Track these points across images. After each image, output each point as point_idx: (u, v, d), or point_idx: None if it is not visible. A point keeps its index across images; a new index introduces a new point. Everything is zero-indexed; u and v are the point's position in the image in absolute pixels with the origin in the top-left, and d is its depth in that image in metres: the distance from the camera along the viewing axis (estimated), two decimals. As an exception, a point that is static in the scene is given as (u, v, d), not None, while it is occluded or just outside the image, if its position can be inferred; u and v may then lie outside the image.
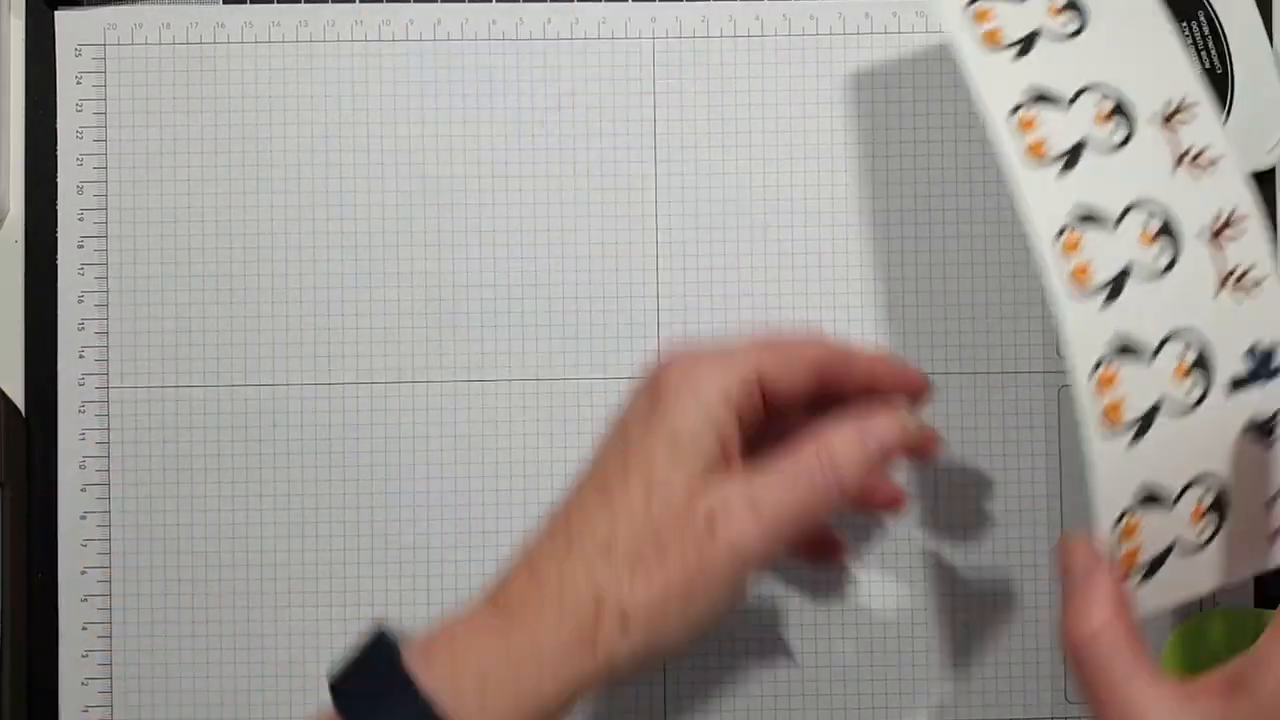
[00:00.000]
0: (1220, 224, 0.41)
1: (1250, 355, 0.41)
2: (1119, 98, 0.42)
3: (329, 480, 0.52)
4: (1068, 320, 0.40)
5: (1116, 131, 0.42)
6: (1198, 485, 0.41)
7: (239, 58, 0.53)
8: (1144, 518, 0.40)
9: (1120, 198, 0.41)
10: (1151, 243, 0.41)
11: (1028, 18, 0.43)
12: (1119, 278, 0.40)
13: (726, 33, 0.53)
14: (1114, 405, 0.40)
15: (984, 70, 0.43)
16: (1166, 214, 0.41)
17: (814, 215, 0.53)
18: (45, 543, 0.51)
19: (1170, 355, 0.40)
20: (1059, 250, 0.40)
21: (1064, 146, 0.41)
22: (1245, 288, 0.41)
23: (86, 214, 0.52)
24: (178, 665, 0.51)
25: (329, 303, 0.52)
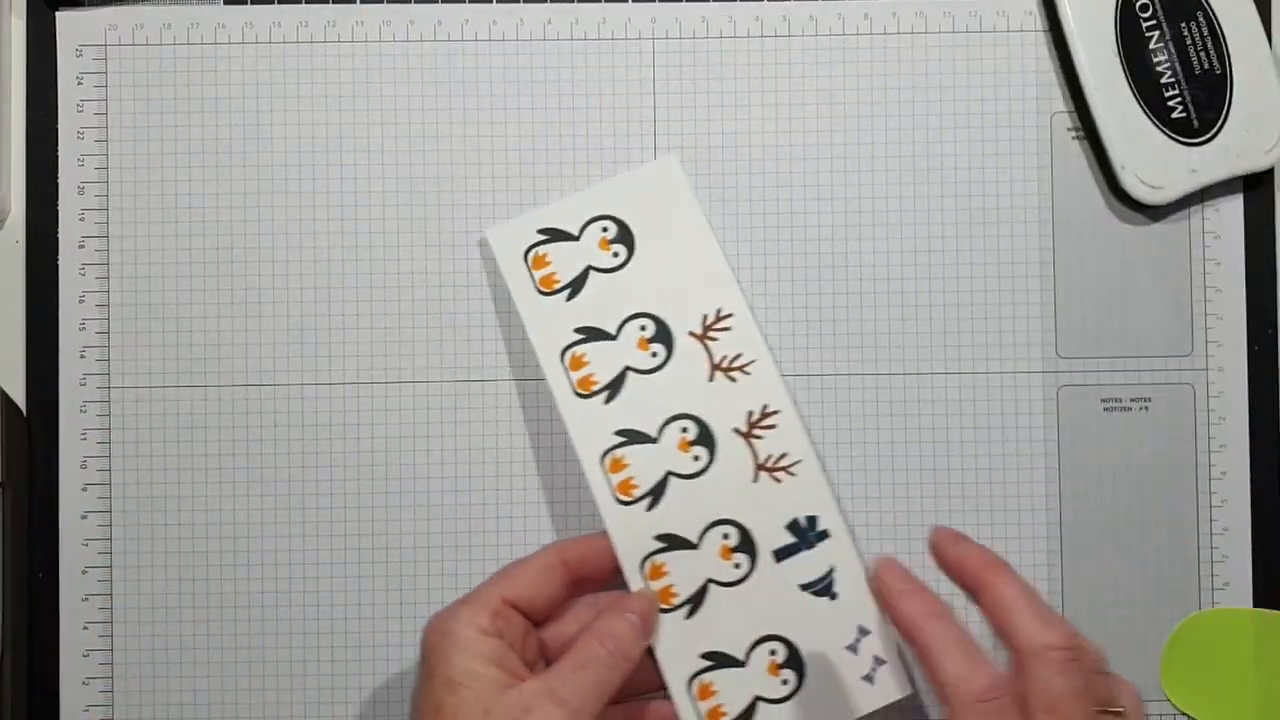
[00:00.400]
0: (754, 420, 0.48)
1: (792, 529, 0.47)
2: (659, 321, 0.49)
3: (329, 480, 0.52)
4: (615, 527, 0.47)
5: (656, 354, 0.48)
6: (764, 645, 0.47)
7: (240, 58, 0.53)
8: (716, 677, 0.47)
9: (659, 415, 0.48)
10: (688, 449, 0.48)
11: (580, 255, 0.49)
12: (661, 484, 0.47)
13: (726, 33, 0.53)
14: (665, 590, 0.47)
15: (538, 316, 0.49)
16: (701, 421, 0.48)
17: (813, 215, 0.53)
18: (46, 542, 0.51)
19: (713, 540, 0.47)
20: (605, 469, 0.47)
21: (609, 377, 0.48)
22: (782, 470, 0.48)
23: (87, 214, 0.52)
24: (178, 665, 0.51)
25: (329, 303, 0.52)
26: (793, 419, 0.48)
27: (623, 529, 0.47)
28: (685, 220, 0.49)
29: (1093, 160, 0.53)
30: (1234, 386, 0.53)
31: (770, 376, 0.48)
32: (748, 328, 0.48)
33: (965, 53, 0.53)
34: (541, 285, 0.49)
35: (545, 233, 0.49)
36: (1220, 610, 0.52)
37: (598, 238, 0.49)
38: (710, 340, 0.48)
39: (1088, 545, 0.52)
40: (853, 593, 0.47)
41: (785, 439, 0.48)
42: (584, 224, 0.49)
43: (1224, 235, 0.53)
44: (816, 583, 0.47)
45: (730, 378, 0.48)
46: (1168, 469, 0.52)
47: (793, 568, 0.47)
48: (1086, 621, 0.52)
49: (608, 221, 0.49)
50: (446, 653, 0.43)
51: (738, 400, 0.48)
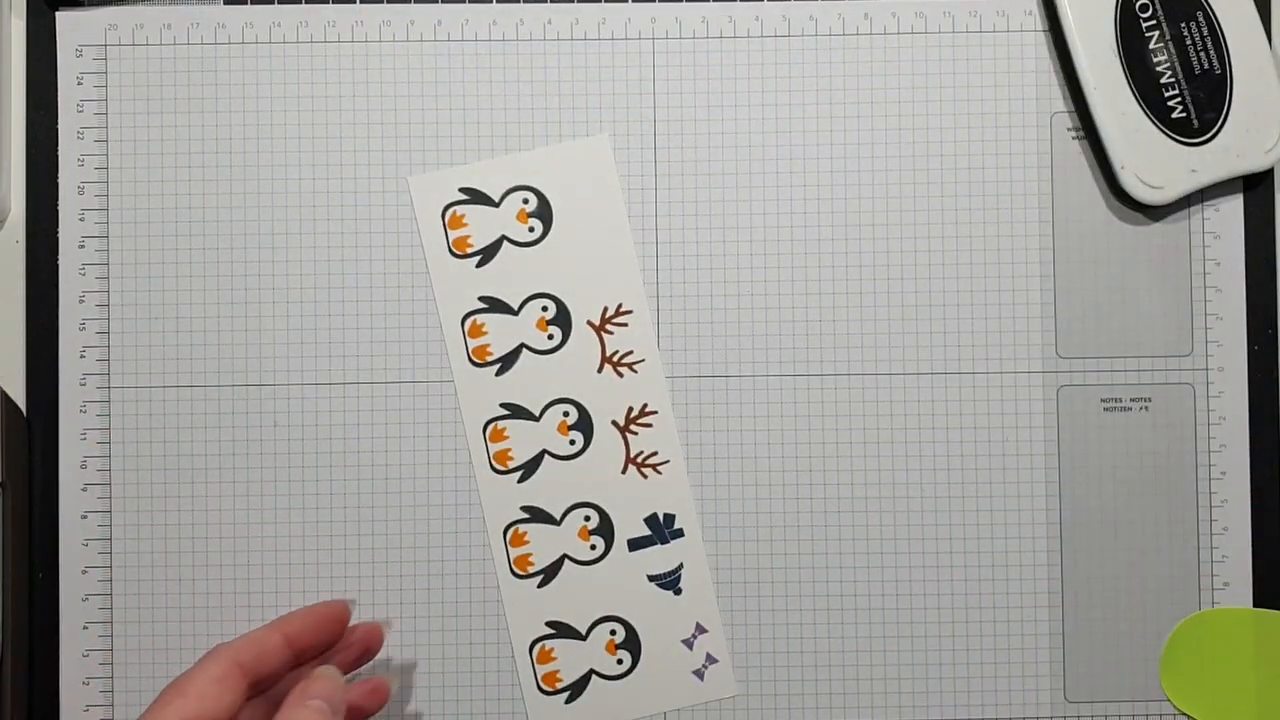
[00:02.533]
0: (633, 416, 0.50)
1: (649, 522, 0.50)
2: (562, 305, 0.50)
3: (329, 480, 0.52)
4: (486, 491, 0.50)
5: (553, 337, 0.50)
6: (606, 624, 0.50)
7: (239, 58, 0.53)
8: (557, 645, 0.50)
9: (545, 395, 0.50)
10: (567, 432, 0.50)
11: (497, 223, 0.50)
12: (535, 460, 0.50)
13: (726, 33, 0.53)
14: (523, 557, 0.50)
15: (446, 276, 0.50)
16: (584, 408, 0.50)
17: (813, 215, 0.53)
18: (46, 542, 0.51)
19: (575, 520, 0.50)
20: (486, 437, 0.50)
21: (504, 350, 0.50)
22: (650, 466, 0.50)
23: (87, 214, 0.52)
24: (178, 665, 0.51)
25: (329, 303, 0.52)
26: (669, 421, 0.51)
27: (492, 494, 0.50)
28: (606, 207, 0.51)
29: (1093, 160, 0.53)
30: (1234, 386, 0.53)
31: (656, 378, 0.51)
32: (644, 327, 0.51)
33: (965, 53, 0.53)
34: (454, 246, 0.50)
35: (467, 193, 0.50)
36: (1220, 610, 0.52)
37: (517, 208, 0.51)
38: (606, 333, 0.50)
39: (1088, 545, 0.52)
40: (697, 592, 0.50)
41: (659, 438, 0.51)
42: (506, 191, 0.51)
43: (1224, 235, 0.53)
44: (664, 576, 0.50)
45: (618, 372, 0.50)
46: (1168, 469, 0.52)
47: (644, 558, 0.50)
48: (1086, 621, 0.52)
49: (530, 193, 0.51)
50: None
51: (621, 395, 0.50)
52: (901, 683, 0.52)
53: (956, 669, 0.52)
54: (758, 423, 0.52)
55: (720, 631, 0.50)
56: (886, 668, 0.52)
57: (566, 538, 0.50)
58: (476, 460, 0.50)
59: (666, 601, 0.50)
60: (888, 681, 0.52)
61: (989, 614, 0.52)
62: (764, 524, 0.52)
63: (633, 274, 0.50)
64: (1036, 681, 0.52)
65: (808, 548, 0.52)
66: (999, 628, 0.52)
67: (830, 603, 0.52)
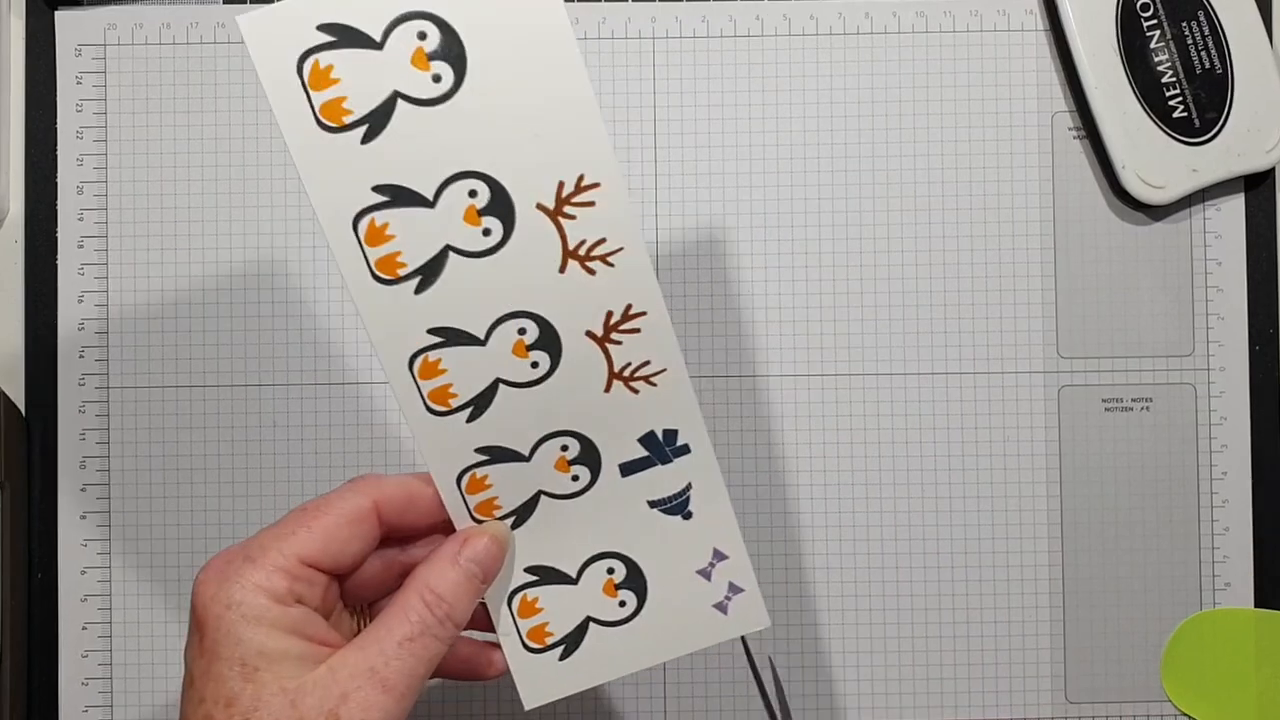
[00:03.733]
0: (613, 323, 0.37)
1: (646, 442, 0.39)
2: (496, 185, 0.35)
3: (329, 480, 0.52)
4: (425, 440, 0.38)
5: (490, 231, 0.36)
6: (600, 562, 0.40)
7: (239, 58, 0.53)
8: (543, 594, 0.40)
9: (489, 311, 0.37)
10: (526, 354, 0.37)
11: (383, 73, 0.34)
12: (487, 393, 0.38)
13: (726, 33, 0.53)
14: (485, 503, 0.39)
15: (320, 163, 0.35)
16: (545, 321, 0.37)
17: (813, 215, 0.53)
18: (45, 543, 0.51)
19: (549, 452, 0.39)
20: (415, 374, 0.37)
21: (423, 257, 0.36)
22: (642, 379, 0.38)
23: (86, 214, 0.52)
24: (177, 666, 0.51)
25: (329, 303, 0.52)
26: (661, 322, 0.37)
27: (434, 443, 0.38)
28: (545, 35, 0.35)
29: (1094, 160, 0.53)
30: (1235, 386, 0.52)
31: (639, 268, 0.37)
32: (618, 203, 0.36)
33: (966, 52, 0.53)
34: (324, 115, 0.34)
35: (331, 31, 0.34)
36: (1221, 610, 0.52)
37: (411, 48, 0.34)
38: (566, 217, 0.36)
39: (1089, 545, 0.52)
40: (711, 513, 0.40)
41: (649, 345, 0.38)
42: (391, 23, 0.34)
43: (1225, 235, 0.53)
44: (669, 500, 0.40)
45: (588, 268, 0.36)
46: (1169, 469, 0.52)
47: (641, 482, 0.39)
48: (1087, 621, 0.52)
49: (427, 24, 0.34)
50: (233, 628, 0.35)
51: (595, 297, 0.37)
52: (902, 683, 0.52)
53: (958, 669, 0.52)
54: (757, 423, 0.52)
55: (743, 556, 0.40)
56: (887, 668, 0.52)
57: (540, 473, 0.39)
58: (404, 403, 0.37)
59: (674, 528, 0.40)
60: (888, 682, 0.52)
61: (990, 614, 0.52)
62: (763, 524, 0.52)
63: (594, 130, 0.35)
64: (1038, 682, 0.52)
65: (808, 548, 0.52)
66: (1000, 628, 0.52)
67: (830, 603, 0.52)
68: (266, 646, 0.34)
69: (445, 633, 0.36)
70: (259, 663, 0.34)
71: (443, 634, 0.36)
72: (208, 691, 0.34)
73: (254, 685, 0.34)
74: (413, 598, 0.36)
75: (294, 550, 0.36)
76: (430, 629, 0.36)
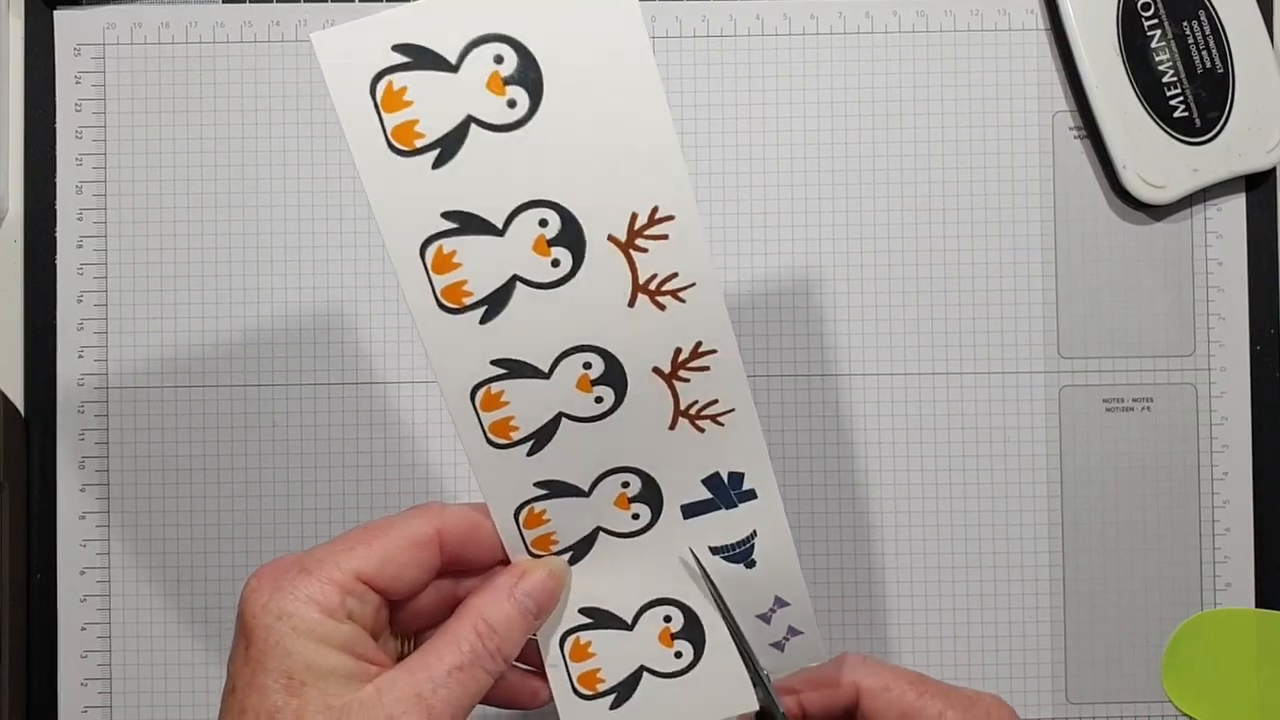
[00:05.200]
0: (681, 360, 0.36)
1: (710, 484, 0.38)
2: (568, 216, 0.34)
3: (328, 480, 0.52)
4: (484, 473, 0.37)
5: (559, 262, 0.35)
6: (657, 608, 0.39)
7: (239, 57, 0.52)
8: (597, 638, 0.39)
9: (554, 344, 0.36)
10: (590, 389, 0.36)
11: (458, 97, 0.33)
12: (548, 427, 0.36)
13: (726, 32, 0.53)
14: (543, 538, 0.38)
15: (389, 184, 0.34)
16: (611, 357, 0.36)
17: (814, 215, 0.52)
18: (44, 543, 0.51)
19: (609, 488, 0.37)
20: (476, 406, 0.36)
21: (490, 287, 0.35)
22: (708, 418, 0.37)
23: (86, 214, 0.52)
24: (177, 665, 0.51)
25: (328, 303, 0.52)
26: (732, 361, 0.36)
27: (493, 476, 0.37)
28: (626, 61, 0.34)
29: (1094, 159, 0.53)
30: (1236, 387, 0.52)
31: (712, 306, 0.35)
32: (692, 238, 0.35)
33: (967, 51, 0.53)
34: (395, 138, 0.34)
35: (406, 51, 0.33)
36: (1222, 611, 0.52)
37: (487, 72, 0.33)
38: (637, 250, 0.35)
39: (1090, 546, 0.52)
40: (775, 562, 0.38)
41: (718, 384, 0.36)
42: (467, 46, 0.33)
43: (1226, 235, 0.53)
44: (732, 548, 0.38)
45: (658, 303, 0.35)
46: (1169, 469, 0.52)
47: (703, 526, 0.38)
48: (1087, 621, 0.52)
49: (504, 47, 0.33)
50: (282, 640, 0.34)
51: (664, 333, 0.36)
52: (902, 684, 0.52)
53: (958, 670, 0.52)
54: (758, 423, 0.52)
55: (806, 603, 0.39)
56: (887, 668, 0.52)
57: (600, 509, 0.38)
58: (465, 435, 0.36)
59: (736, 576, 0.38)
60: (889, 682, 0.52)
61: (990, 614, 0.52)
62: (765, 524, 0.52)
63: (672, 162, 0.34)
64: (1039, 682, 0.52)
65: (807, 548, 0.52)
66: (1001, 628, 0.52)
67: (831, 603, 0.52)
68: (314, 661, 0.34)
69: (494, 665, 0.36)
70: (306, 677, 0.34)
71: (492, 666, 0.36)
72: (250, 702, 0.34)
73: (299, 700, 0.34)
74: (465, 627, 0.36)
75: (351, 566, 0.35)
76: (480, 660, 0.35)
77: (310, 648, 0.34)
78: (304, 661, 0.34)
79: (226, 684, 0.35)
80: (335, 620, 0.34)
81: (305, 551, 0.36)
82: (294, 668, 0.34)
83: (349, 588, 0.35)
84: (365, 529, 0.36)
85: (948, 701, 0.39)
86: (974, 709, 0.39)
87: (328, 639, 0.34)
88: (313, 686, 0.34)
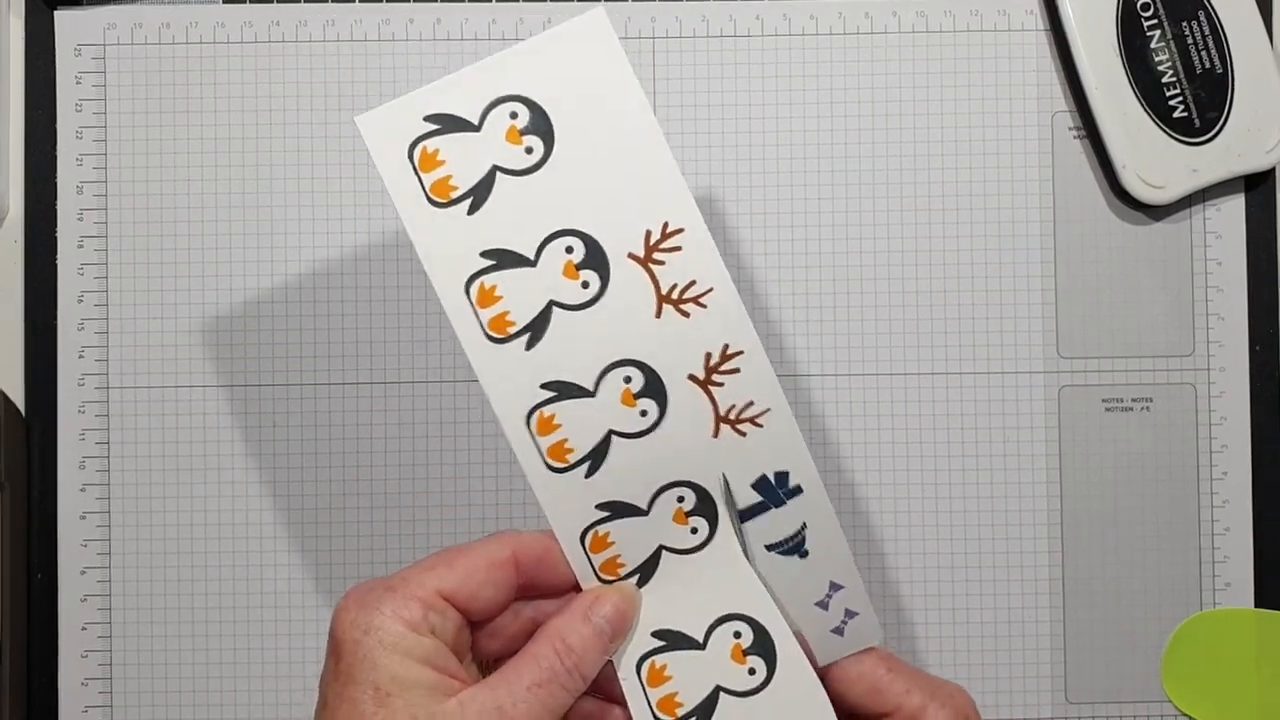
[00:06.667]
0: (713, 364, 0.39)
1: (759, 487, 0.40)
2: (590, 240, 0.39)
3: (329, 480, 0.52)
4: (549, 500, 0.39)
5: (588, 284, 0.39)
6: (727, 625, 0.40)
7: (239, 57, 0.53)
8: (671, 660, 0.40)
9: (595, 362, 0.39)
10: (634, 402, 0.39)
11: (483, 151, 0.38)
12: (601, 445, 0.39)
13: (726, 32, 0.53)
14: (609, 561, 0.40)
15: (432, 235, 0.38)
16: (648, 367, 0.39)
17: (814, 215, 0.52)
18: (45, 543, 0.51)
19: (667, 504, 0.40)
20: (532, 431, 0.39)
21: (530, 315, 0.39)
22: (748, 421, 0.39)
23: (86, 214, 0.52)
24: (177, 665, 0.51)
25: (329, 303, 0.52)
26: (759, 359, 0.39)
27: (557, 501, 0.39)
28: (619, 100, 0.39)
29: (1094, 159, 0.53)
30: (1235, 387, 0.52)
31: (731, 308, 0.39)
32: (702, 246, 0.39)
33: (966, 52, 0.53)
34: (434, 193, 0.38)
35: (436, 120, 0.39)
36: (1222, 611, 0.52)
37: (505, 127, 0.38)
38: (656, 264, 0.39)
39: (1089, 546, 0.52)
40: (825, 548, 0.40)
41: (750, 384, 0.39)
42: (486, 108, 0.39)
43: (1225, 235, 0.53)
44: (786, 542, 0.40)
45: (682, 311, 0.39)
46: (1169, 469, 0.52)
47: (757, 529, 0.40)
48: (1087, 621, 0.52)
49: (518, 105, 0.39)
50: (369, 653, 0.36)
51: (692, 340, 0.39)
52: (902, 683, 0.52)
53: (958, 670, 0.52)
54: (758, 423, 0.52)
55: (859, 584, 0.41)
56: (887, 668, 0.52)
57: (660, 527, 0.40)
58: (526, 462, 0.39)
59: (792, 568, 0.40)
60: (888, 682, 0.52)
61: (990, 614, 0.52)
62: (764, 524, 0.52)
63: (673, 180, 0.39)
64: (1038, 682, 0.52)
65: (808, 548, 0.52)
66: (1000, 628, 0.52)
67: (831, 603, 0.52)
68: (400, 673, 0.35)
69: (572, 684, 0.37)
70: (392, 688, 0.35)
71: (570, 685, 0.37)
72: (340, 714, 0.36)
73: (386, 710, 0.35)
74: (544, 646, 0.37)
75: (433, 583, 0.37)
76: (558, 677, 0.37)
77: (395, 660, 0.36)
78: (389, 673, 0.35)
79: (318, 701, 0.37)
80: (418, 634, 0.36)
81: (391, 574, 0.38)
82: (380, 679, 0.35)
83: (431, 603, 0.37)
84: (446, 552, 0.38)
85: (914, 682, 0.40)
86: (939, 692, 0.40)
87: (411, 652, 0.36)
88: (399, 697, 0.35)
